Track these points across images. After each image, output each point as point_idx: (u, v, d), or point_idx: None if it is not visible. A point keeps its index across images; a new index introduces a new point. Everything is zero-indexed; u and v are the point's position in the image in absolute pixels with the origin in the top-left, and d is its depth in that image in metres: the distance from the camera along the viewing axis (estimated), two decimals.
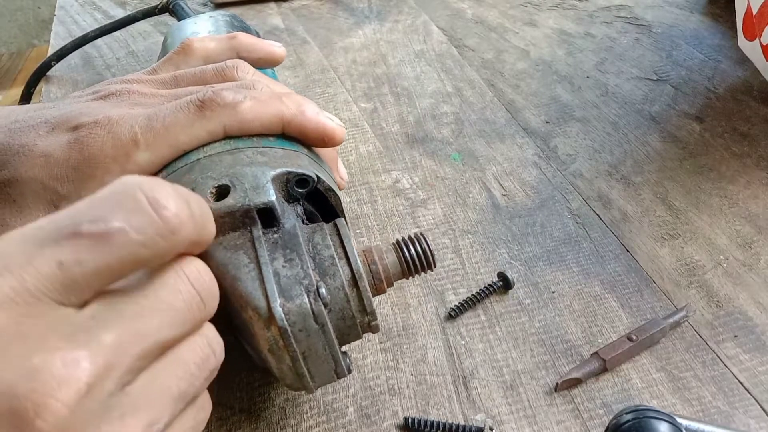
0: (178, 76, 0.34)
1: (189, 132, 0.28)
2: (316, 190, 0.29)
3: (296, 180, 0.28)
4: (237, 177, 0.27)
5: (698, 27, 0.65)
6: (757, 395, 0.32)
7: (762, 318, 0.36)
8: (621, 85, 0.57)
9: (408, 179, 0.47)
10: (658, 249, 0.40)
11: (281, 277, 0.25)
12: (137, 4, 0.74)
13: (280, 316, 0.24)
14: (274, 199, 0.26)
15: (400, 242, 0.29)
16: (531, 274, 0.39)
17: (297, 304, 0.25)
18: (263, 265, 0.25)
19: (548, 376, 0.33)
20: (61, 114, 0.30)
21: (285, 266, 0.25)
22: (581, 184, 0.46)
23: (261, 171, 0.27)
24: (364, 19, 0.70)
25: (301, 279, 0.25)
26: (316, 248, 0.27)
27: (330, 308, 0.26)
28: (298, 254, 0.26)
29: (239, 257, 0.25)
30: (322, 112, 0.31)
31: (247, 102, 0.29)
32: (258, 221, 0.26)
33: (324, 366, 0.26)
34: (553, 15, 0.70)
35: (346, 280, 0.26)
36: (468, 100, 0.56)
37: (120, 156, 0.28)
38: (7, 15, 2.48)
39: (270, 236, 0.26)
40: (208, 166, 0.28)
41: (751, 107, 0.53)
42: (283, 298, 0.25)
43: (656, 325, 0.34)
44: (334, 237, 0.27)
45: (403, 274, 0.29)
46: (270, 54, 0.37)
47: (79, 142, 0.28)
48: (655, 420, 0.25)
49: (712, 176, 0.46)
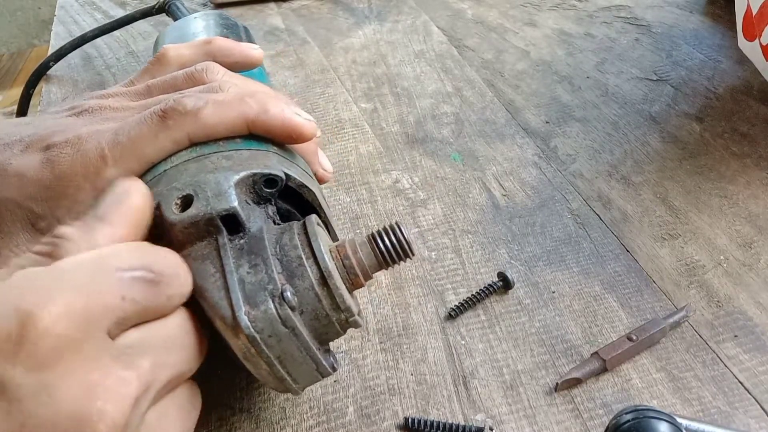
0: (151, 86, 0.34)
1: (154, 144, 0.29)
2: (290, 187, 0.29)
3: (264, 180, 0.28)
4: (200, 185, 0.26)
5: (698, 27, 0.65)
6: (757, 395, 0.32)
7: (762, 318, 0.36)
8: (621, 85, 0.57)
9: (408, 179, 0.47)
10: (658, 249, 0.40)
11: (246, 284, 0.25)
12: (137, 4, 0.74)
13: (246, 324, 0.24)
14: (236, 204, 0.26)
15: (374, 234, 0.28)
16: (531, 274, 0.39)
17: (262, 310, 0.24)
18: (228, 273, 0.25)
19: (548, 376, 0.33)
20: (35, 132, 0.30)
21: (250, 272, 0.25)
22: (581, 184, 0.46)
23: (224, 176, 0.27)
24: (364, 19, 0.70)
25: (266, 284, 0.25)
26: (284, 249, 0.26)
27: (302, 309, 0.25)
28: (263, 258, 0.25)
29: (206, 267, 0.25)
30: (289, 109, 0.31)
31: (208, 107, 0.29)
32: (223, 228, 0.26)
33: (304, 367, 0.26)
34: (553, 15, 0.70)
35: (315, 279, 0.26)
36: (468, 101, 0.56)
37: (90, 173, 0.28)
38: (7, 15, 2.48)
39: (236, 242, 0.26)
40: (173, 177, 0.28)
41: (751, 107, 0.53)
42: (248, 305, 0.24)
43: (656, 325, 0.34)
44: (302, 236, 0.27)
45: (380, 266, 0.28)
46: (246, 57, 0.37)
47: (50, 161, 0.29)
48: (656, 420, 0.25)
49: (712, 176, 0.46)
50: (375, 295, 0.38)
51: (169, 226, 0.26)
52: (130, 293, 0.22)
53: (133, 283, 0.22)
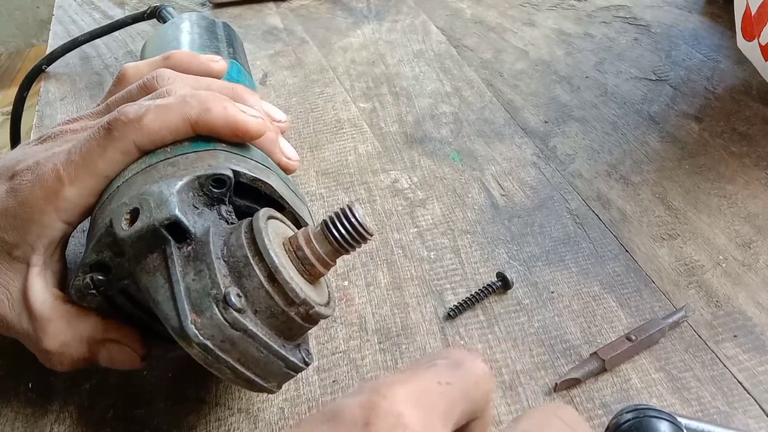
0: (109, 103, 0.34)
1: (104, 157, 0.29)
2: (243, 183, 0.28)
3: (212, 181, 0.27)
4: (144, 197, 0.26)
5: (697, 27, 0.65)
6: (756, 395, 0.32)
7: (761, 318, 0.36)
8: (620, 85, 0.57)
9: (407, 179, 0.47)
10: (657, 249, 0.40)
11: (191, 291, 0.24)
12: (136, 3, 0.74)
13: (194, 333, 0.24)
14: (176, 212, 0.25)
15: (327, 220, 0.27)
16: (530, 275, 0.39)
17: (208, 316, 0.24)
18: (175, 283, 0.25)
19: (547, 376, 0.33)
20: (3, 164, 0.31)
21: (195, 279, 0.25)
22: (580, 184, 0.46)
23: (166, 185, 0.26)
24: (362, 19, 0.70)
25: (209, 289, 0.24)
26: (230, 250, 0.26)
27: (255, 309, 0.25)
28: (207, 263, 0.25)
29: (157, 279, 0.25)
30: (232, 106, 0.31)
31: (150, 114, 0.29)
32: (169, 238, 0.25)
33: (270, 366, 0.26)
34: (552, 15, 0.70)
35: (264, 277, 0.25)
36: (467, 100, 0.56)
37: (50, 195, 0.29)
38: (6, 14, 2.48)
39: (184, 250, 0.26)
40: (123, 192, 0.28)
41: (750, 107, 0.53)
42: (195, 313, 0.24)
43: (655, 325, 0.34)
44: (248, 233, 0.26)
45: (337, 252, 0.27)
46: (207, 71, 0.37)
47: (14, 190, 0.29)
48: (656, 419, 0.24)
49: (711, 176, 0.46)
50: (374, 295, 0.38)
51: (121, 242, 0.26)
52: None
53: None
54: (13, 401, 0.32)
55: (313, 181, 0.47)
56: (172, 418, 0.32)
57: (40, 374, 0.33)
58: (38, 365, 0.30)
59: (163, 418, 0.32)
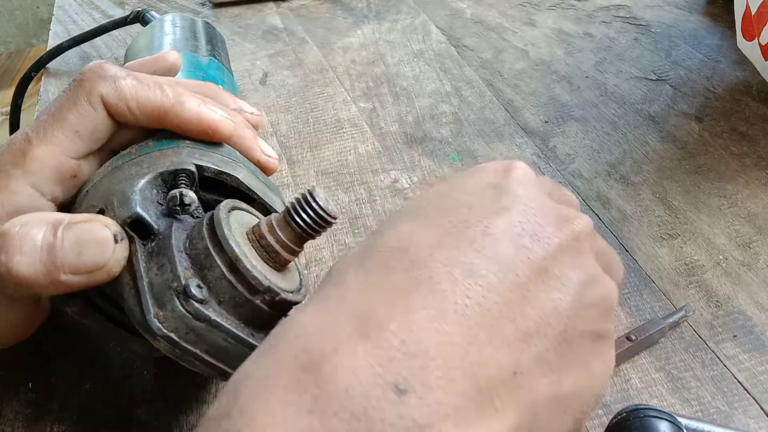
0: None
1: (74, 110, 0.29)
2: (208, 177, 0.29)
3: (174, 177, 0.27)
4: (109, 198, 0.26)
5: (697, 27, 0.65)
6: (756, 395, 0.32)
7: (761, 318, 0.36)
8: (620, 84, 0.57)
9: (407, 179, 0.47)
10: (657, 249, 0.40)
11: (154, 286, 0.25)
12: (136, 3, 0.74)
13: (157, 326, 0.24)
14: (138, 209, 0.26)
15: (289, 206, 0.27)
16: None
17: (170, 309, 0.24)
18: (138, 279, 0.25)
19: None
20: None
21: (158, 274, 0.25)
22: (580, 183, 0.46)
23: (129, 184, 0.27)
24: (362, 19, 0.70)
25: (170, 282, 0.25)
26: (192, 243, 0.26)
27: (219, 299, 0.25)
28: (168, 257, 0.25)
29: (123, 277, 0.25)
30: (205, 105, 0.31)
31: (128, 80, 0.29)
32: (133, 235, 0.26)
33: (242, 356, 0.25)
34: (552, 15, 0.70)
35: (225, 267, 0.25)
36: (467, 100, 0.55)
37: (17, 158, 0.28)
38: (6, 14, 2.48)
39: (148, 246, 0.26)
40: (92, 195, 0.28)
41: (750, 107, 0.53)
42: (157, 307, 0.24)
43: (655, 325, 0.34)
44: (209, 225, 0.26)
45: (302, 238, 0.27)
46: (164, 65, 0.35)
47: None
48: (656, 419, 0.24)
49: (711, 176, 0.46)
50: None
51: None
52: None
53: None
54: (13, 401, 0.32)
55: (313, 181, 0.47)
56: (172, 418, 0.32)
57: (40, 374, 0.33)
58: (38, 365, 0.30)
59: (163, 418, 0.32)
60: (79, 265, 0.25)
